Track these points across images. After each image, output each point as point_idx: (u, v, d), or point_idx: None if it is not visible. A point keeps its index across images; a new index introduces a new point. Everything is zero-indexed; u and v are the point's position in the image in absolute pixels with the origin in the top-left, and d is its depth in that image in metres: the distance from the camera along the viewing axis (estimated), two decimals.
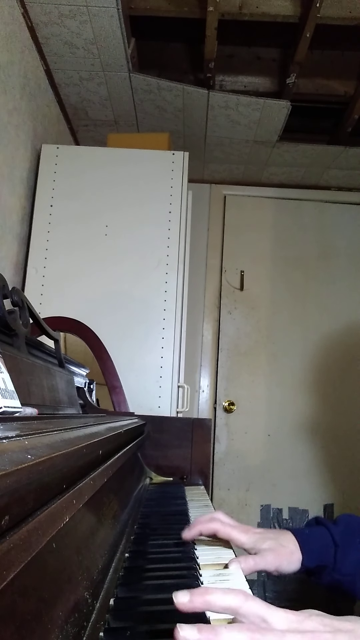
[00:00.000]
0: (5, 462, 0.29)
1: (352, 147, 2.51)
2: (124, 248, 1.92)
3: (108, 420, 0.90)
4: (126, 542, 0.70)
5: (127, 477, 0.95)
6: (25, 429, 0.43)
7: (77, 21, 1.80)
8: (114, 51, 1.94)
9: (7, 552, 0.26)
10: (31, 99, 1.93)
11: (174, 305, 1.88)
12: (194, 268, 2.59)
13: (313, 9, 1.72)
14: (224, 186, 2.99)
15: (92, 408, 1.31)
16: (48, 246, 1.92)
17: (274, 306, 2.81)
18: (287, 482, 2.65)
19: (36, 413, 0.62)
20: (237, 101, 2.19)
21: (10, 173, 1.79)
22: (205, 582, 0.60)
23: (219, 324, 2.86)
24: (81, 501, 0.45)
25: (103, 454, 0.61)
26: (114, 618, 0.46)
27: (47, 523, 0.34)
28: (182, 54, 2.21)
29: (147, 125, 2.44)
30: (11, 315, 0.80)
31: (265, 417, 2.76)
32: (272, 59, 2.21)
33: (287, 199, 2.97)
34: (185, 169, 2.00)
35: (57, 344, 1.12)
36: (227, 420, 2.77)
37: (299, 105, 2.25)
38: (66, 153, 2.02)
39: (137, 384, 1.80)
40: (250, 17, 1.81)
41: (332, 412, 2.67)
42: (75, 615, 0.40)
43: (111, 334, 1.79)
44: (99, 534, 0.57)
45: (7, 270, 1.80)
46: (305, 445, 2.68)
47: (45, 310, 1.78)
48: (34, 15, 1.79)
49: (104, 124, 2.45)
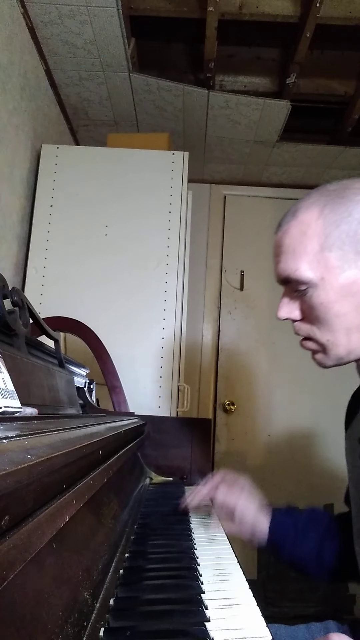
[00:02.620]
0: (5, 462, 0.29)
1: (352, 147, 2.51)
2: (124, 248, 1.92)
3: (108, 420, 0.90)
4: (126, 542, 0.70)
5: (127, 477, 0.95)
6: (25, 429, 0.43)
7: (77, 21, 1.80)
8: (114, 51, 1.94)
9: (7, 552, 0.26)
10: (31, 99, 1.93)
11: (174, 305, 1.88)
12: (194, 268, 2.59)
13: (313, 9, 1.72)
14: (224, 186, 2.99)
15: (92, 408, 1.31)
16: (48, 246, 1.92)
17: (274, 306, 2.79)
18: (287, 482, 2.65)
19: (36, 413, 0.62)
20: (237, 101, 2.19)
21: (10, 173, 1.79)
22: (205, 582, 0.60)
23: (219, 324, 2.85)
24: (81, 501, 0.45)
25: (103, 454, 0.61)
26: (114, 618, 0.46)
27: (47, 523, 0.34)
28: (182, 54, 2.21)
29: (147, 125, 2.44)
30: (11, 315, 0.80)
31: (265, 417, 2.76)
32: (272, 59, 2.21)
33: (287, 199, 2.96)
34: (185, 169, 2.00)
35: (57, 344, 1.12)
36: (227, 420, 2.76)
37: (299, 105, 2.25)
38: (66, 153, 2.02)
39: (137, 384, 1.80)
40: (250, 17, 1.81)
41: (332, 412, 2.67)
42: (75, 615, 0.40)
43: (111, 334, 1.79)
44: (98, 534, 0.57)
45: (7, 270, 1.80)
46: (305, 445, 2.68)
47: (45, 310, 1.78)
48: (34, 15, 1.79)
49: (104, 124, 2.45)
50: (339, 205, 0.71)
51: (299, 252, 0.72)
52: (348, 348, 0.72)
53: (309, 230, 0.72)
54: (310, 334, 0.75)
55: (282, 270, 0.75)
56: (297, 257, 0.72)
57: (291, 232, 0.74)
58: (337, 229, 0.70)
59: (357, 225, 0.69)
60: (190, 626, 0.47)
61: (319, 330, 0.73)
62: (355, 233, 0.69)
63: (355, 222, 0.69)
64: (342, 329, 0.71)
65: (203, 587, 0.57)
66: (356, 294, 0.69)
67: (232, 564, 0.68)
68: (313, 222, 0.72)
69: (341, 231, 0.70)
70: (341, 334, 0.71)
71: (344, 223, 0.69)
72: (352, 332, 0.71)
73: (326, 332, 0.73)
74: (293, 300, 0.77)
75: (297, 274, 0.72)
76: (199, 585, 0.57)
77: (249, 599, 0.56)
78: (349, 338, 0.71)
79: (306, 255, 0.71)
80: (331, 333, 0.72)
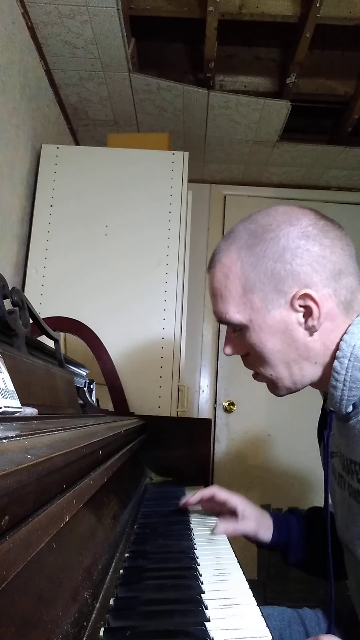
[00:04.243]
0: (5, 462, 0.29)
1: (352, 147, 2.51)
2: (124, 248, 1.92)
3: (108, 420, 0.90)
4: (126, 542, 0.70)
5: (127, 477, 0.95)
6: (25, 429, 0.43)
7: (77, 21, 1.80)
8: (114, 51, 1.94)
9: (7, 552, 0.26)
10: (31, 99, 1.93)
11: (174, 305, 1.88)
12: (194, 268, 2.59)
13: (313, 9, 1.72)
14: (224, 186, 2.99)
15: (92, 408, 1.31)
16: (48, 246, 1.92)
17: None
18: (287, 482, 2.65)
19: (36, 413, 0.62)
20: (237, 101, 2.19)
21: (10, 173, 1.79)
22: (205, 582, 0.60)
23: (219, 324, 2.85)
24: (81, 501, 0.45)
25: (103, 454, 0.61)
26: (114, 618, 0.46)
27: (47, 523, 0.34)
28: (182, 54, 2.21)
29: (147, 125, 2.44)
30: (11, 315, 0.80)
31: (265, 417, 2.76)
32: (272, 59, 2.21)
33: (287, 199, 2.96)
34: (185, 169, 2.00)
35: (57, 344, 1.12)
36: (227, 420, 2.76)
37: (299, 105, 2.25)
38: (66, 153, 2.02)
39: (137, 384, 1.80)
40: (250, 17, 1.81)
41: None
42: (75, 615, 0.40)
43: (111, 334, 1.79)
44: (98, 534, 0.57)
45: (7, 270, 1.80)
46: (305, 445, 2.68)
47: (45, 310, 1.78)
48: (34, 15, 1.79)
49: (104, 124, 2.45)
50: (254, 246, 0.71)
51: (226, 296, 0.74)
52: (292, 380, 0.74)
53: (230, 273, 0.73)
54: (256, 369, 0.77)
55: (216, 313, 0.77)
56: (225, 301, 0.74)
57: (217, 275, 0.75)
58: (255, 270, 0.71)
59: (273, 263, 0.69)
60: (190, 626, 0.47)
61: (262, 367, 0.75)
62: (272, 272, 0.70)
63: (271, 262, 0.70)
64: (281, 363, 0.73)
65: (203, 587, 0.57)
66: (285, 331, 0.71)
67: (232, 564, 0.68)
68: (233, 265, 0.73)
69: (259, 272, 0.70)
70: (281, 369, 0.73)
71: (260, 264, 0.70)
72: (292, 366, 0.73)
73: (268, 368, 0.74)
74: (235, 338, 0.78)
75: (228, 317, 0.74)
76: (199, 585, 0.57)
77: (249, 599, 0.56)
78: (290, 371, 0.73)
79: (232, 299, 0.73)
80: (272, 368, 0.74)
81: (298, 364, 0.72)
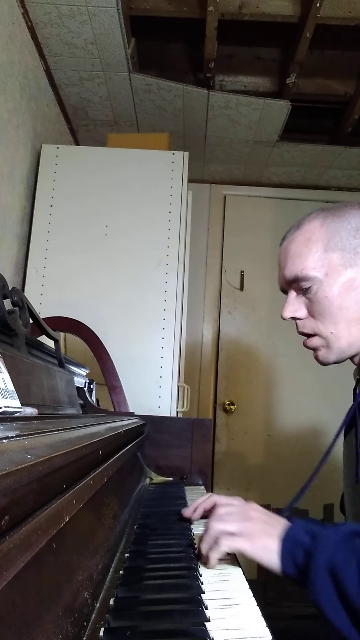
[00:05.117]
0: (5, 462, 0.29)
1: (352, 147, 2.51)
2: (124, 248, 1.92)
3: (108, 420, 0.90)
4: (126, 542, 0.70)
5: (127, 477, 0.95)
6: (25, 429, 0.43)
7: (77, 21, 1.80)
8: (114, 51, 1.94)
9: (7, 552, 0.26)
10: (31, 99, 1.93)
11: (174, 305, 1.88)
12: (194, 268, 2.59)
13: (313, 9, 1.72)
14: (224, 186, 2.99)
15: (92, 408, 1.31)
16: (48, 246, 1.92)
17: (274, 306, 2.81)
18: (287, 482, 2.64)
19: (36, 413, 0.62)
20: (237, 101, 2.19)
21: (10, 173, 1.79)
22: (205, 582, 0.60)
23: (219, 324, 2.85)
24: (81, 501, 0.45)
25: (103, 454, 0.61)
26: (114, 618, 0.46)
27: (47, 523, 0.34)
28: (182, 54, 2.21)
29: (147, 125, 2.44)
30: (11, 315, 0.80)
31: (265, 417, 2.76)
32: (272, 59, 2.21)
33: (287, 199, 2.97)
34: (185, 169, 2.00)
35: (57, 344, 1.12)
36: (227, 420, 2.76)
37: (299, 105, 2.25)
38: (66, 153, 2.02)
39: (137, 384, 1.80)
40: (250, 17, 1.81)
41: (332, 412, 2.67)
42: (75, 615, 0.40)
43: (111, 334, 1.79)
44: (99, 534, 0.57)
45: (7, 270, 1.80)
46: (305, 445, 2.68)
47: (45, 310, 1.78)
48: (34, 15, 1.79)
49: (104, 124, 2.45)
50: (338, 216, 0.83)
51: (305, 254, 0.83)
52: (349, 340, 0.81)
53: (313, 236, 0.83)
54: (315, 329, 0.84)
55: (289, 272, 0.85)
56: (304, 258, 0.83)
57: (297, 239, 0.85)
58: (338, 234, 0.82)
59: (355, 231, 0.81)
60: (190, 626, 0.47)
61: (323, 324, 0.82)
62: (355, 237, 0.81)
63: (353, 230, 0.81)
64: (344, 321, 0.80)
65: (203, 587, 0.57)
66: (357, 289, 0.80)
67: (232, 564, 0.68)
68: (317, 230, 0.83)
69: (341, 236, 0.81)
70: (343, 326, 0.81)
71: (344, 230, 0.82)
72: (353, 325, 0.80)
73: (330, 325, 0.81)
74: (297, 301, 0.86)
75: (304, 272, 0.82)
76: (199, 585, 0.57)
77: (249, 599, 0.56)
78: (350, 331, 0.81)
79: (311, 256, 0.82)
80: (334, 325, 0.81)
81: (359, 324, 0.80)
